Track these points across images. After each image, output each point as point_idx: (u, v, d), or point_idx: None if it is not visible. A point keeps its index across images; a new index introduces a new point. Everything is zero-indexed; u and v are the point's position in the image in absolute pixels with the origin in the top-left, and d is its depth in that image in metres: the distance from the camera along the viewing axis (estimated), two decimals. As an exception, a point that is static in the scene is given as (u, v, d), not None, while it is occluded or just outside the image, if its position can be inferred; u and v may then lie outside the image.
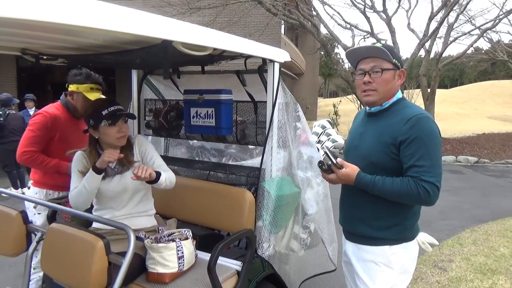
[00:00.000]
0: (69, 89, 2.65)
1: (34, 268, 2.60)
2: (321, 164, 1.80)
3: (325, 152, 1.85)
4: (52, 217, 2.40)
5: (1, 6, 1.02)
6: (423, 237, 1.89)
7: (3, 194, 2.32)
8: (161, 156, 2.25)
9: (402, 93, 1.85)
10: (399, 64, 1.75)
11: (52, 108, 2.64)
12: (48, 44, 1.96)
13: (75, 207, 2.05)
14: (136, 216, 2.14)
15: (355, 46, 1.85)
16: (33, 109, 6.69)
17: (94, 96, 2.58)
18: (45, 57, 2.21)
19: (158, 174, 1.99)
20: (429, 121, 1.64)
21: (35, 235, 2.00)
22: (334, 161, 1.76)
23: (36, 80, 14.40)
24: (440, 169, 1.63)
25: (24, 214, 2.03)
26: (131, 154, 2.12)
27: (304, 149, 2.63)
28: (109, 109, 1.99)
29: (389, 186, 1.65)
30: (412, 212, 1.78)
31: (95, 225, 2.13)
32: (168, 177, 2.06)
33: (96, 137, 2.06)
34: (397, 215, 1.75)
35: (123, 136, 2.05)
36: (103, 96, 2.62)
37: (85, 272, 1.60)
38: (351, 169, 1.73)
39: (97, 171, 1.95)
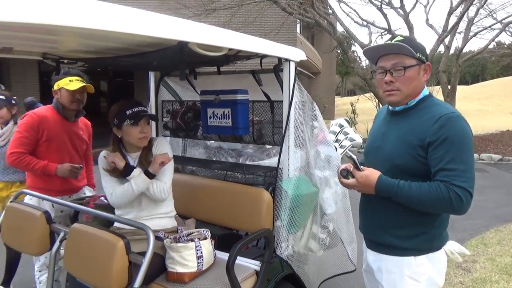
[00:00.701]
0: (54, 89, 2.64)
1: (40, 271, 2.65)
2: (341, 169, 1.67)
3: (347, 155, 1.69)
4: (75, 217, 2.45)
5: (24, 12, 1.04)
6: (452, 246, 1.72)
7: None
8: (179, 156, 2.27)
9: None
10: (423, 57, 1.58)
11: (42, 110, 2.65)
12: (68, 48, 2.01)
13: (116, 205, 2.11)
14: (157, 217, 2.17)
15: (372, 45, 1.76)
16: None
17: (74, 85, 2.56)
18: (65, 61, 2.27)
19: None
20: (461, 121, 1.49)
21: (58, 235, 2.04)
22: (356, 161, 1.62)
23: (57, 84, 14.73)
24: (473, 173, 1.47)
25: (47, 215, 2.08)
26: (151, 155, 2.15)
27: (322, 148, 2.61)
28: (133, 109, 2.04)
29: (416, 191, 1.48)
30: (441, 220, 1.61)
31: (116, 225, 2.17)
32: (158, 185, 2.06)
33: (119, 136, 2.10)
34: (423, 223, 1.58)
35: (144, 137, 2.08)
36: (84, 84, 2.60)
37: (106, 271, 1.62)
38: (371, 172, 1.59)
39: (150, 175, 2.01)
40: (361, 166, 1.62)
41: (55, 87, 2.62)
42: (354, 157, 1.63)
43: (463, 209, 1.46)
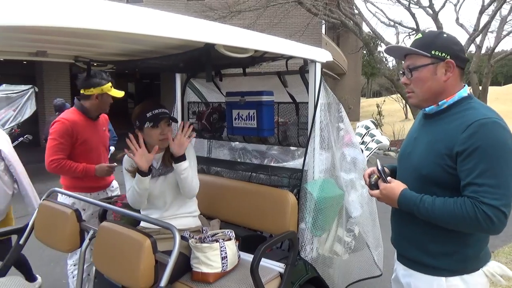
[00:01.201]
0: (89, 93, 2.66)
1: (74, 265, 2.72)
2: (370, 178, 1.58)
3: (376, 164, 1.58)
4: (103, 215, 2.51)
5: (59, 17, 1.08)
6: (494, 268, 1.51)
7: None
8: (204, 157, 2.29)
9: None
10: (442, 54, 1.40)
11: (69, 114, 2.68)
12: (98, 51, 2.07)
13: (133, 206, 2.15)
14: (181, 216, 2.19)
15: (391, 45, 1.63)
16: None
17: (119, 93, 2.71)
18: (95, 64, 2.33)
19: (184, 158, 2.03)
20: (497, 128, 1.30)
21: (88, 232, 2.10)
22: (381, 172, 1.51)
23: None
24: (509, 190, 1.27)
25: (78, 213, 2.14)
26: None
27: (348, 151, 2.58)
28: (153, 112, 2.07)
29: (439, 208, 1.33)
30: (476, 238, 1.42)
31: (142, 224, 2.21)
32: (192, 176, 2.08)
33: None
34: (455, 240, 1.41)
35: (165, 139, 2.10)
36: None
37: (133, 269, 1.66)
38: (396, 184, 1.47)
39: (142, 173, 2.01)
40: (389, 178, 1.51)
41: (97, 91, 2.66)
42: (380, 167, 1.53)
43: (495, 230, 1.29)
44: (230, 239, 2.04)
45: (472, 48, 12.91)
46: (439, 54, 1.40)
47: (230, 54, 1.70)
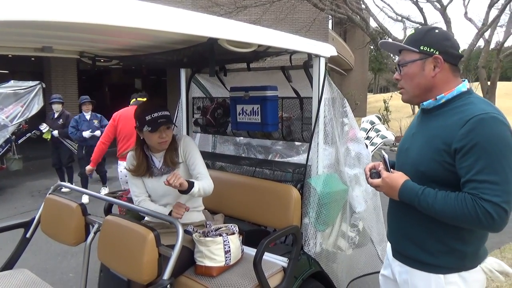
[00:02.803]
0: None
1: None
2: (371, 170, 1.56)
3: (380, 153, 1.59)
4: (109, 209, 2.54)
5: (64, 11, 1.09)
6: (492, 264, 1.49)
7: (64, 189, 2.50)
8: (209, 152, 2.29)
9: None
10: (431, 49, 1.39)
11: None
12: (103, 47, 2.08)
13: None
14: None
15: (384, 40, 1.53)
16: (89, 113, 6.07)
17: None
18: (101, 60, 2.35)
19: (191, 185, 1.93)
20: (496, 123, 1.27)
21: (93, 226, 2.12)
22: (387, 161, 1.49)
23: (94, 82, 15.34)
24: (510, 186, 1.25)
25: (83, 207, 2.17)
26: (176, 154, 2.14)
27: (352, 146, 2.57)
28: (152, 115, 1.99)
29: (440, 202, 1.31)
30: (476, 235, 1.41)
31: (147, 218, 2.23)
32: (203, 187, 2.02)
33: (142, 138, 2.12)
34: (456, 237, 1.39)
35: (164, 142, 2.06)
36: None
37: (137, 262, 1.68)
38: (400, 175, 1.44)
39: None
40: (391, 169, 1.49)
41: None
42: (386, 156, 1.52)
43: (496, 227, 1.26)
44: (233, 233, 2.05)
45: (481, 43, 12.77)
46: (428, 50, 1.39)
47: (233, 48, 1.70)
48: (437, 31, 1.44)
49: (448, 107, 1.40)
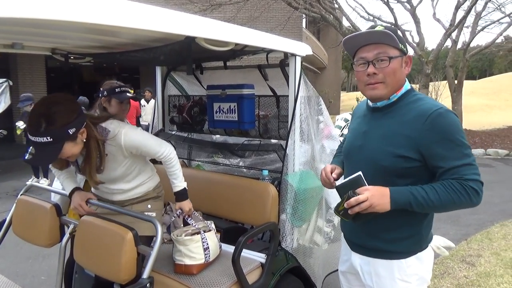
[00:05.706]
0: None
1: None
2: (339, 205, 1.44)
3: (340, 187, 1.47)
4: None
5: (33, 8, 1.07)
6: (438, 242, 1.66)
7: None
8: (185, 151, 2.27)
9: (410, 83, 1.57)
10: (405, 49, 1.49)
11: None
12: (76, 44, 2.03)
13: None
14: (130, 190, 2.06)
15: (354, 33, 1.49)
16: None
17: None
18: (73, 57, 2.29)
19: (182, 190, 2.05)
20: (451, 114, 1.40)
21: (68, 227, 2.08)
22: (363, 177, 1.41)
23: (64, 80, 14.87)
24: (475, 161, 1.41)
25: (57, 207, 2.12)
26: (113, 158, 1.91)
27: (327, 143, 2.63)
28: (34, 140, 1.60)
29: (434, 196, 1.37)
30: (427, 221, 1.55)
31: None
32: (178, 170, 2.02)
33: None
34: (411, 225, 1.50)
35: (65, 164, 1.96)
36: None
37: (115, 263, 1.66)
38: (375, 186, 1.40)
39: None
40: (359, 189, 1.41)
41: None
42: (360, 173, 1.43)
43: (480, 200, 1.40)
44: (210, 230, 2.06)
45: (448, 43, 13.20)
46: (404, 48, 1.48)
47: (211, 47, 1.71)
48: (399, 33, 1.54)
49: (398, 105, 1.50)
